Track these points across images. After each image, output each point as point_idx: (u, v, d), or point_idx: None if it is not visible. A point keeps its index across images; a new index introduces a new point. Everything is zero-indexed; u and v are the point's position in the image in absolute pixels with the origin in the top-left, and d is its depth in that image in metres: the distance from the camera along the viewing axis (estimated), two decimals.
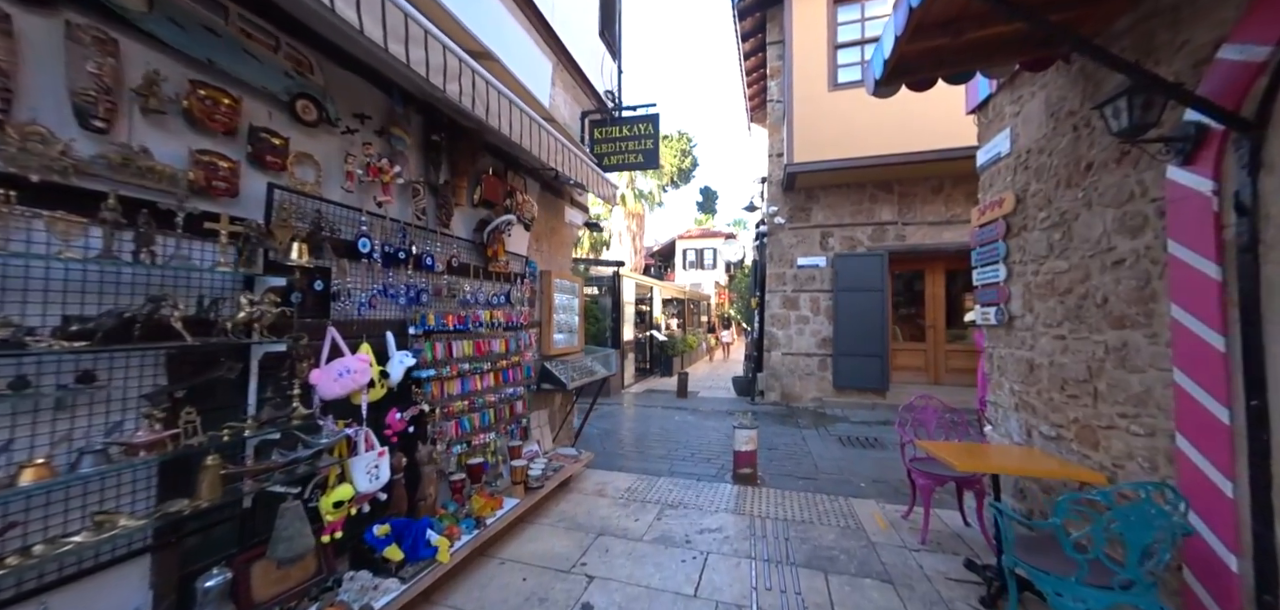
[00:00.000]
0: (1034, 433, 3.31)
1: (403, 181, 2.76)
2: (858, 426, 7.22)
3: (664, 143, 33.21)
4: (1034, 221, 3.30)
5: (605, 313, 11.35)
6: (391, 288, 2.73)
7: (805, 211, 9.14)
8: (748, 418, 7.34)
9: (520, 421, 4.21)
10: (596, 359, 5.59)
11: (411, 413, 2.74)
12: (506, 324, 3.98)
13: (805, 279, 9.09)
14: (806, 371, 9.02)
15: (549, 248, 5.21)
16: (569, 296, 5.44)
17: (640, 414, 8.44)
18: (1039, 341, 3.24)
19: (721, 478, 4.89)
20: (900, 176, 8.49)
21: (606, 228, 31.35)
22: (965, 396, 8.35)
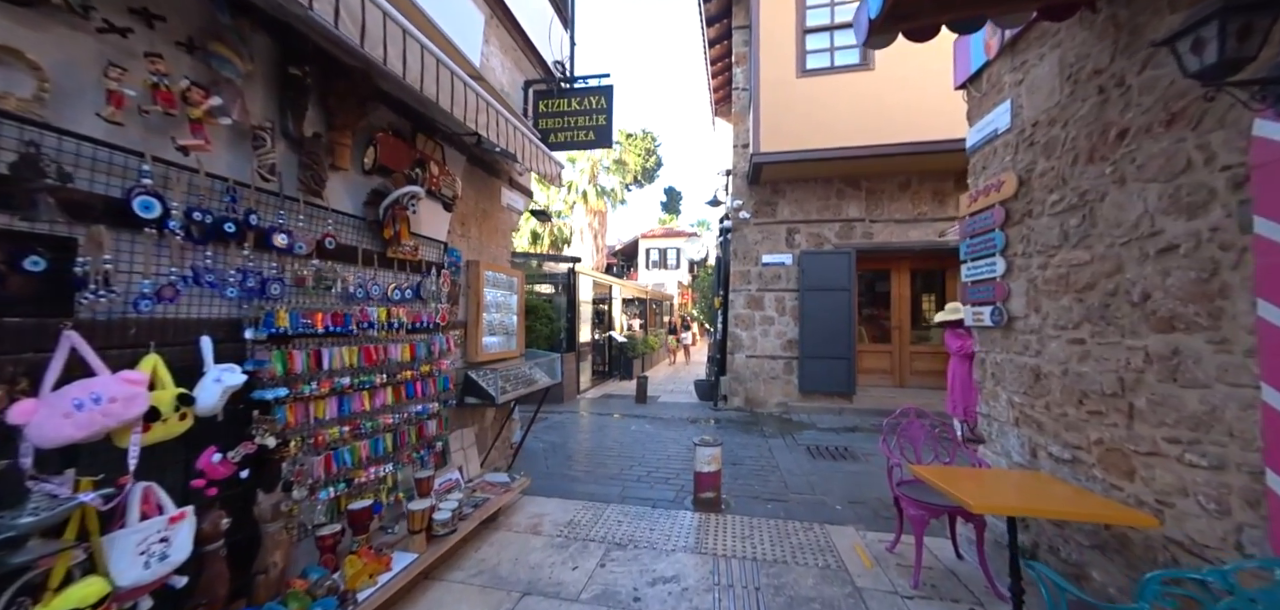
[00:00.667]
0: (1040, 452, 2.83)
1: (231, 122, 1.94)
2: (826, 434, 6.77)
3: (628, 141, 32.65)
4: (1042, 206, 2.82)
5: (560, 312, 10.55)
6: (210, 273, 1.90)
7: (771, 207, 8.68)
8: (710, 428, 6.74)
9: (434, 445, 3.41)
10: (539, 366, 4.83)
11: (244, 452, 1.93)
12: (415, 325, 3.18)
13: (771, 277, 8.62)
14: (772, 375, 8.55)
15: (480, 234, 4.42)
16: (505, 293, 4.66)
17: (594, 423, 7.71)
18: (1048, 346, 2.76)
19: (681, 503, 4.24)
20: (868, 172, 8.16)
21: (567, 224, 30.45)
22: (929, 399, 8.12)
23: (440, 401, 3.47)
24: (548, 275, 10.81)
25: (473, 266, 4.12)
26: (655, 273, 32.57)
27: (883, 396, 8.22)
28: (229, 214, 1.95)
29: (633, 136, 33.88)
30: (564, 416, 8.10)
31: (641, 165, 34.19)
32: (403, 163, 3.05)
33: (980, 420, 3.64)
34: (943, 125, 6.95)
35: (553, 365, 5.06)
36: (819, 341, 8.20)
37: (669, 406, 9.19)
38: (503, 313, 4.61)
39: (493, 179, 4.62)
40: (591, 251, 29.24)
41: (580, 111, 5.26)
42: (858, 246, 8.24)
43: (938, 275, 8.81)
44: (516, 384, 4.23)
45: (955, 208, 7.97)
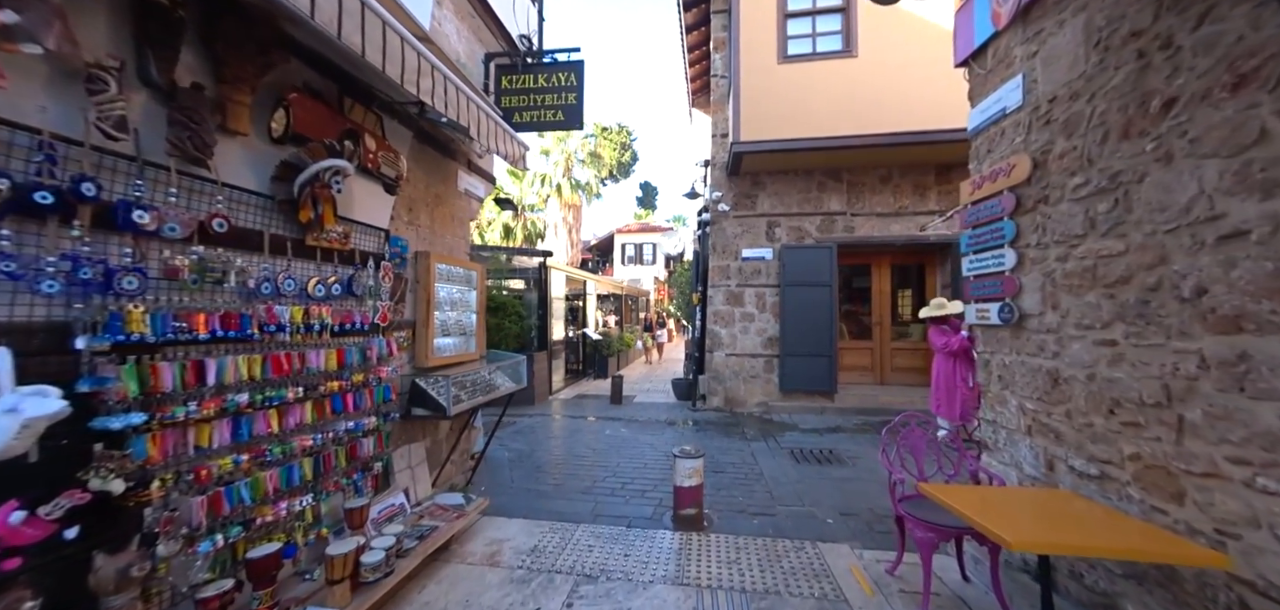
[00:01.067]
0: (1059, 465, 2.54)
1: (42, 53, 1.41)
2: (809, 436, 6.50)
3: (603, 135, 32.10)
4: (1061, 191, 2.52)
5: (531, 309, 10.03)
6: (6, 259, 1.39)
7: (751, 199, 8.36)
8: (689, 431, 6.39)
9: (371, 467, 2.92)
10: (502, 369, 4.35)
11: (68, 503, 1.42)
12: (345, 326, 2.67)
13: (751, 272, 8.31)
14: (752, 374, 8.26)
15: (432, 222, 3.90)
16: (463, 288, 4.16)
17: (567, 427, 7.25)
18: (1069, 347, 2.46)
19: (659, 520, 3.85)
20: (850, 163, 7.92)
21: (541, 219, 29.75)
22: (910, 397, 7.97)
23: (380, 415, 2.98)
24: (518, 270, 10.26)
25: (422, 258, 3.62)
26: (631, 268, 32.18)
27: (864, 395, 8.02)
28: (42, 179, 1.43)
29: (608, 130, 33.35)
30: (534, 420, 7.61)
31: (617, 160, 33.69)
32: (326, 131, 2.54)
33: (983, 426, 3.35)
34: (927, 116, 6.75)
35: (518, 368, 4.59)
36: (800, 339, 7.95)
37: (645, 407, 8.80)
38: (460, 311, 4.12)
39: (447, 160, 4.11)
40: (566, 246, 28.62)
41: (548, 89, 4.78)
42: (839, 240, 8.01)
43: (917, 270, 8.67)
44: (474, 391, 3.75)
45: (936, 201, 7.82)
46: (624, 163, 34.74)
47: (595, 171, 29.25)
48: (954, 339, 5.87)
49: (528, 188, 28.93)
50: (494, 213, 28.48)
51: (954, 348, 5.84)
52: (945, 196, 7.78)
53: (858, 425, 7.05)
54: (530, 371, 9.13)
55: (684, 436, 6.46)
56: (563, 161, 28.24)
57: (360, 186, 2.91)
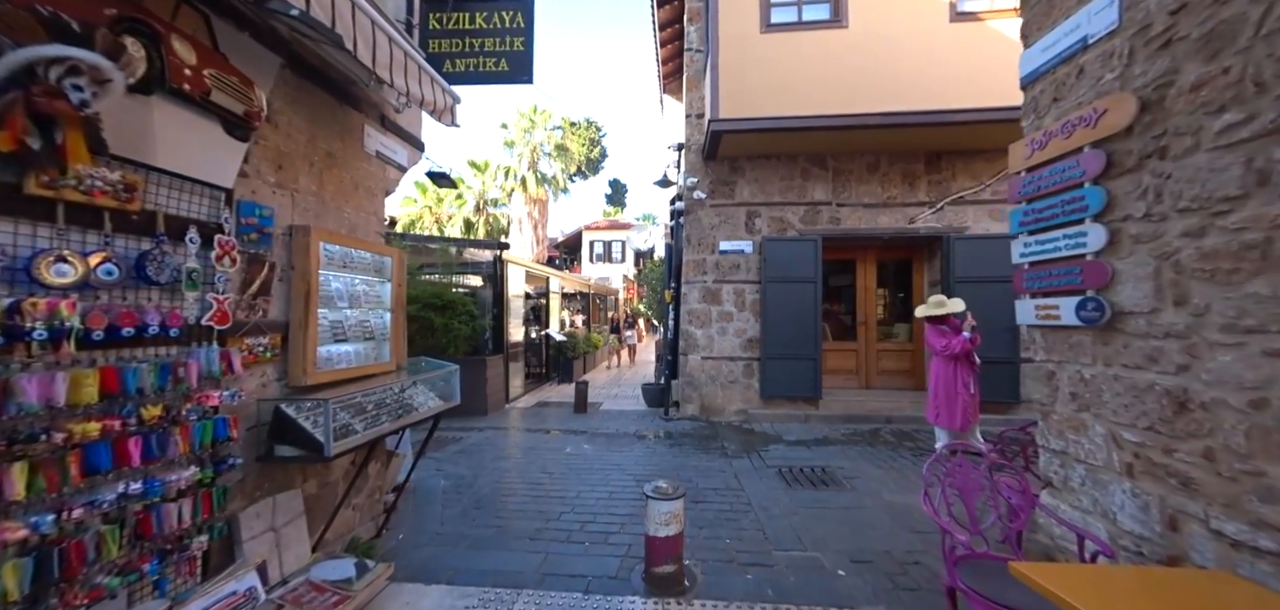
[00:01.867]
0: (1189, 526, 1.80)
1: None
2: (796, 450, 5.76)
3: (571, 130, 30.98)
4: (1195, 137, 1.78)
5: (485, 308, 8.97)
6: None
7: (729, 186, 7.59)
8: (662, 447, 5.57)
9: (185, 544, 1.92)
10: (426, 384, 3.38)
11: None
12: (128, 331, 1.67)
13: (729, 267, 7.54)
14: (730, 379, 7.49)
15: (319, 188, 2.89)
16: (369, 280, 3.17)
17: (522, 443, 6.28)
18: (1209, 359, 1.73)
19: (627, 580, 2.96)
20: (836, 148, 7.26)
21: (504, 214, 28.39)
22: (898, 401, 7.40)
23: (208, 463, 1.98)
24: (470, 264, 9.17)
25: (300, 236, 2.61)
26: (600, 266, 31.24)
27: (850, 401, 7.39)
28: None
29: (576, 125, 32.24)
30: (485, 434, 6.59)
31: (586, 155, 32.62)
32: (74, 5, 1.53)
33: (1046, 456, 2.63)
34: (922, 94, 6.14)
35: (449, 380, 3.62)
36: (783, 340, 7.23)
37: (613, 416, 7.90)
38: (366, 309, 3.12)
39: (347, 110, 3.09)
40: (531, 243, 27.36)
41: (488, 32, 3.84)
42: (824, 233, 7.34)
43: (904, 267, 8.11)
44: (380, 415, 2.77)
45: (926, 192, 7.25)
46: (593, 159, 33.71)
47: (562, 165, 28.13)
48: (955, 340, 5.24)
49: (490, 181, 27.55)
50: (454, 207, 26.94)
51: (956, 350, 5.20)
52: (935, 187, 7.22)
53: (847, 435, 6.38)
54: (483, 378, 8.10)
55: (656, 455, 5.61)
56: (528, 153, 27.03)
57: (170, 117, 1.90)
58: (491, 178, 27.25)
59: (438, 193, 27.03)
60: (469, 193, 27.31)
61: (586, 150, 32.74)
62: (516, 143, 27.08)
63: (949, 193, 7.18)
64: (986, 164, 7.09)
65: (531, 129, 27.21)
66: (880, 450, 5.69)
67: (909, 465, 5.09)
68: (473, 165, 27.36)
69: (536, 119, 27.09)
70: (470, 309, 8.39)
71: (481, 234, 27.40)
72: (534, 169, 27.26)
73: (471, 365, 8.05)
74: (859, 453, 5.60)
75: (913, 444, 5.92)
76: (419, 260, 8.98)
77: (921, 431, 6.49)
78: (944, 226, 7.18)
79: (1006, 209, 6.83)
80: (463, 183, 27.38)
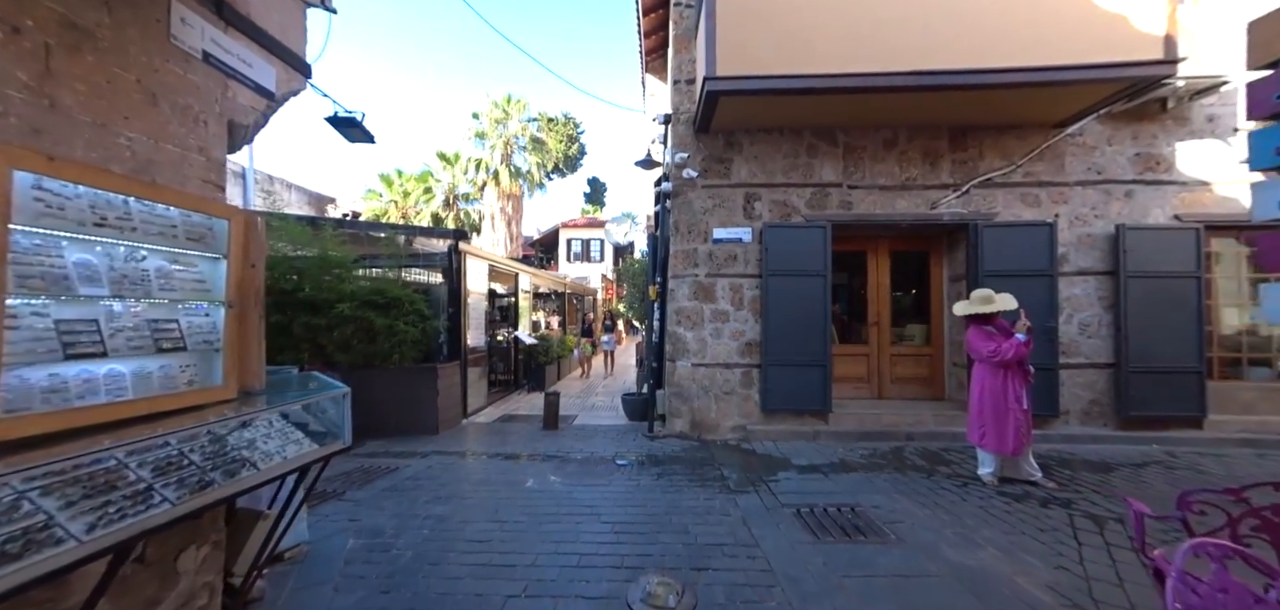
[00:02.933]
0: None
1: None
2: (811, 480, 4.69)
3: (549, 126, 29.62)
4: None
5: (438, 307, 7.68)
6: None
7: (725, 165, 6.51)
8: (647, 478, 4.44)
9: None
10: (282, 421, 2.15)
11: None
12: None
13: (724, 258, 6.45)
14: (726, 389, 6.39)
15: (56, 88, 1.64)
16: (178, 254, 1.93)
17: (473, 474, 5.04)
18: None
19: None
20: (849, 121, 6.25)
21: (476, 210, 26.85)
22: (918, 415, 6.42)
23: None
24: (421, 256, 7.85)
25: None
26: (578, 266, 30.00)
27: (863, 414, 6.38)
28: None
29: (554, 122, 30.89)
30: (428, 463, 5.33)
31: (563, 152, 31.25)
32: None
33: None
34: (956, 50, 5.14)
35: (338, 410, 2.41)
36: (788, 344, 6.18)
37: (588, 434, 6.72)
38: (164, 301, 1.88)
39: None
40: (505, 240, 25.90)
41: None
42: (834, 218, 6.32)
43: (920, 259, 7.15)
44: (151, 494, 1.54)
45: (949, 173, 6.30)
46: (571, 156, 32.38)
47: (538, 159, 26.75)
48: (1007, 344, 4.25)
49: (460, 175, 25.97)
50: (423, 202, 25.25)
51: (1008, 356, 4.21)
52: (960, 167, 6.28)
53: (867, 458, 5.34)
54: (432, 390, 6.82)
55: (640, 491, 4.45)
56: (501, 146, 25.59)
57: None
58: (462, 171, 25.70)
59: (403, 187, 25.39)
60: (437, 186, 25.71)
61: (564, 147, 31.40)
62: (489, 134, 25.61)
63: (976, 173, 6.24)
64: (1018, 141, 6.18)
65: (505, 120, 25.79)
66: (913, 478, 4.66)
67: (957, 500, 4.06)
68: (441, 157, 25.80)
69: (510, 110, 25.68)
70: (421, 308, 7.11)
71: (449, 219, 25.77)
72: (507, 162, 25.84)
73: (418, 375, 6.76)
74: (888, 482, 4.56)
75: (949, 468, 4.92)
76: (359, 251, 7.63)
77: (953, 450, 5.51)
78: (970, 212, 6.24)
79: (1041, 192, 5.81)
80: (431, 177, 25.78)
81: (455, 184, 26.18)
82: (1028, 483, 4.37)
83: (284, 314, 6.44)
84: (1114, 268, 5.96)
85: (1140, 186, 6.05)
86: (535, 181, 26.92)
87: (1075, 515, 3.70)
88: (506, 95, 25.67)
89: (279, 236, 6.61)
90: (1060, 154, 6.15)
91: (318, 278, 6.74)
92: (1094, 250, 6.06)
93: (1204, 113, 5.98)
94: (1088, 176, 6.12)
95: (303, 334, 6.50)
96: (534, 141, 26.51)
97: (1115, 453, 5.46)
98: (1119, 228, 5.90)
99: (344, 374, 6.61)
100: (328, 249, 6.85)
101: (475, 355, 8.34)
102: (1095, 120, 6.04)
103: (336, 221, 8.23)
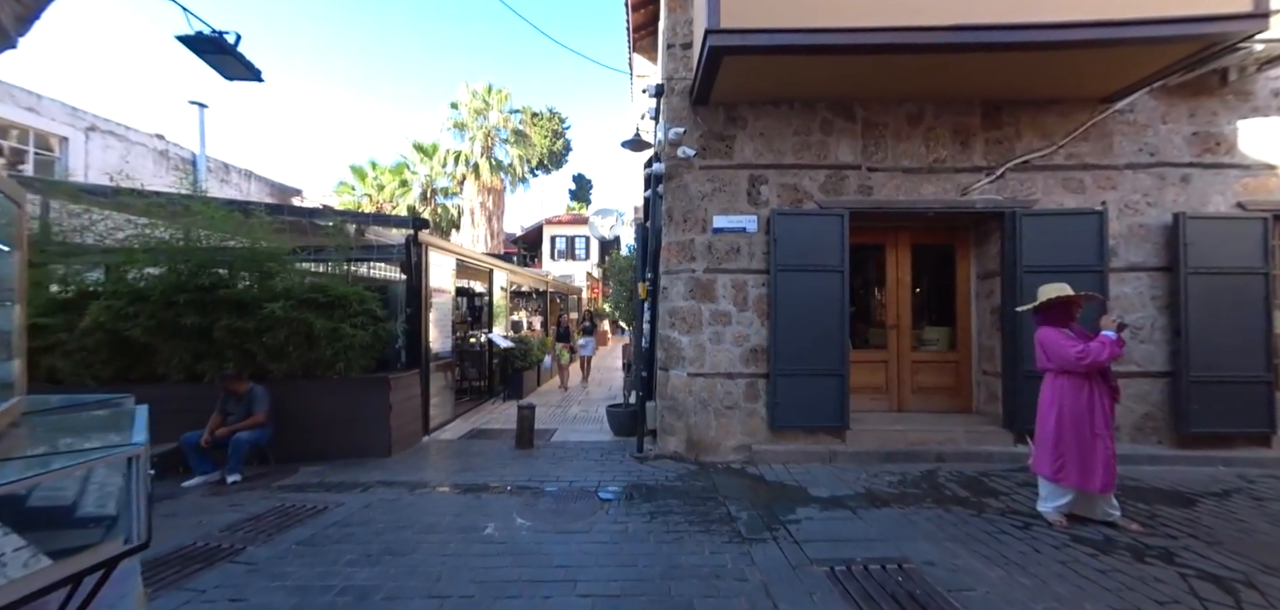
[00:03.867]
0: None
1: None
2: (838, 518, 3.82)
3: (534, 121, 28.51)
4: None
5: (396, 307, 6.67)
6: None
7: (726, 142, 5.62)
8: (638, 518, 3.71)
9: None
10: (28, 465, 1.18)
11: None
12: None
13: (726, 250, 5.57)
14: (727, 403, 5.51)
15: None
16: None
17: (420, 515, 4.05)
18: None
19: None
20: (869, 92, 5.41)
21: (455, 205, 25.63)
22: (948, 430, 5.60)
23: None
24: (375, 248, 6.81)
25: None
26: (562, 264, 28.99)
27: (884, 431, 5.54)
28: None
29: (539, 117, 29.82)
30: (368, 498, 4.33)
31: (548, 148, 30.24)
32: None
33: None
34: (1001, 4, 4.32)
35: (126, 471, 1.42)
36: (800, 350, 5.32)
37: (567, 454, 5.79)
38: None
39: None
40: (485, 236, 24.73)
41: None
42: (852, 205, 5.48)
43: (944, 254, 6.35)
44: None
45: (982, 154, 5.50)
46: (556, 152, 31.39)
47: (521, 153, 25.62)
48: (1095, 344, 3.39)
49: (438, 168, 24.72)
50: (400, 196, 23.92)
51: (1102, 358, 3.35)
52: (994, 147, 5.48)
53: (897, 486, 4.51)
54: (384, 405, 5.81)
55: (628, 541, 3.54)
56: (481, 137, 24.42)
57: None
58: (440, 163, 24.45)
59: (377, 180, 24.09)
60: (414, 179, 24.44)
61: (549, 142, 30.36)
62: (468, 125, 24.40)
63: (1012, 155, 5.45)
64: (1060, 118, 5.41)
65: (485, 110, 24.62)
66: (961, 516, 3.82)
67: (1028, 551, 3.23)
68: (418, 149, 24.53)
69: (491, 100, 24.50)
70: (372, 307, 6.08)
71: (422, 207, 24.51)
72: (488, 155, 24.68)
73: (368, 387, 5.76)
74: (933, 523, 3.72)
75: (1000, 501, 4.10)
76: (304, 243, 6.57)
77: (994, 475, 4.71)
78: (1006, 199, 5.45)
79: (1085, 175, 4.93)
80: (406, 169, 24.50)
81: (433, 177, 24.92)
82: (1104, 524, 3.56)
83: (205, 315, 5.37)
84: (1170, 263, 5.22)
85: (1198, 170, 5.32)
86: (518, 176, 25.82)
87: (1189, 575, 2.89)
88: (487, 85, 24.47)
89: (197, 223, 5.54)
90: (1108, 133, 5.39)
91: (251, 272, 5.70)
92: (1146, 243, 5.31)
93: (1270, 87, 5.27)
94: (1139, 158, 5.37)
95: (227, 339, 5.44)
96: (516, 134, 25.39)
97: (1182, 477, 4.70)
98: (1178, 217, 5.16)
99: (279, 386, 5.58)
100: (259, 239, 5.79)
101: (441, 362, 7.33)
102: (1148, 95, 5.29)
103: (272, 207, 7.14)
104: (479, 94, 24.33)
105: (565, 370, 10.58)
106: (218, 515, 3.93)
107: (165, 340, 5.42)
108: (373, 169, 24.07)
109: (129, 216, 5.75)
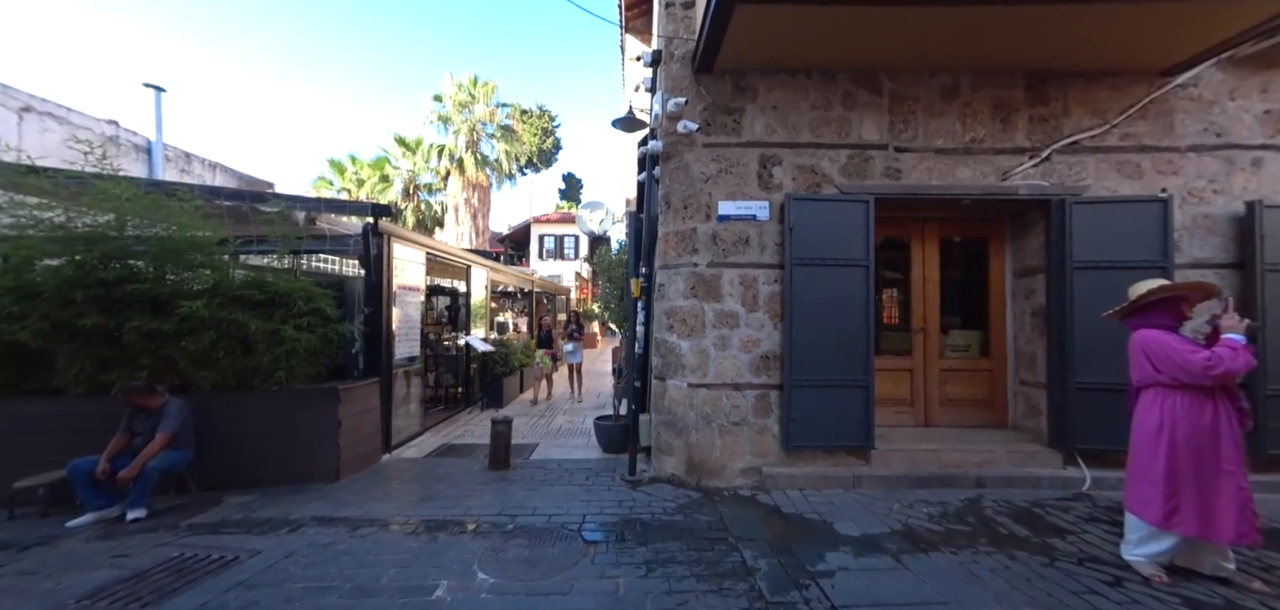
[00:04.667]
0: None
1: None
2: (880, 574, 3.06)
3: (524, 118, 27.61)
4: None
5: (353, 306, 5.81)
6: None
7: (734, 117, 4.86)
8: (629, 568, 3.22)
9: None
10: None
11: None
12: None
13: (733, 242, 4.80)
14: (734, 418, 4.74)
15: None
16: None
17: (358, 566, 3.20)
18: None
19: None
20: (894, 59, 4.69)
21: (438, 202, 24.65)
22: (983, 450, 4.88)
23: None
24: (329, 240, 5.93)
25: None
26: (551, 263, 28.10)
27: (913, 450, 4.80)
28: None
29: (528, 114, 28.91)
30: (293, 545, 3.48)
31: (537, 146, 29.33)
32: None
33: None
34: None
35: None
36: (818, 357, 4.58)
37: (548, 475, 4.98)
38: None
39: None
40: (470, 235, 23.77)
41: None
42: (878, 191, 4.75)
43: (977, 247, 5.64)
44: None
45: (1025, 134, 4.80)
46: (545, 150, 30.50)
47: (508, 148, 24.71)
48: (1222, 349, 2.67)
49: (422, 163, 23.70)
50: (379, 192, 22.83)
51: (1237, 368, 2.62)
52: (1038, 127, 4.79)
53: (939, 522, 3.77)
54: (333, 421, 4.95)
55: (620, 605, 2.74)
56: (466, 131, 23.46)
57: None
58: (423, 158, 23.46)
59: (357, 174, 23.03)
60: (396, 174, 23.40)
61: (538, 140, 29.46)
62: (452, 118, 23.43)
63: (1059, 134, 4.76)
64: (1113, 93, 4.73)
65: (471, 104, 23.66)
66: (1028, 566, 3.08)
67: None
68: (400, 142, 23.50)
69: (477, 92, 23.55)
70: (322, 306, 5.20)
71: (410, 222, 23.51)
72: (474, 150, 23.74)
73: (313, 400, 4.91)
74: (999, 576, 2.97)
75: (1074, 545, 3.37)
76: (245, 233, 5.68)
77: (1049, 504, 3.99)
78: (1052, 185, 4.75)
79: (1142, 159, 4.02)
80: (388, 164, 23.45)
81: (417, 172, 23.89)
82: (1216, 579, 2.84)
83: (110, 314, 4.48)
84: (1242, 258, 4.56)
85: (1272, 153, 4.67)
86: (504, 172, 24.89)
87: None
88: (472, 76, 23.52)
89: (99, 204, 4.64)
90: (1168, 110, 4.72)
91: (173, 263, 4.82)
92: (1214, 236, 4.65)
93: None
94: (1203, 140, 4.71)
95: (140, 343, 4.55)
96: (503, 129, 24.47)
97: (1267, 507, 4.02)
98: (1251, 206, 4.50)
99: (206, 399, 4.71)
100: (186, 225, 4.90)
101: (406, 368, 6.47)
102: (1214, 67, 4.64)
103: (209, 189, 6.23)
104: (464, 86, 23.39)
105: (549, 378, 9.61)
106: (89, 572, 3.05)
107: (63, 345, 4.51)
108: (352, 163, 23.02)
109: (23, 197, 4.82)
